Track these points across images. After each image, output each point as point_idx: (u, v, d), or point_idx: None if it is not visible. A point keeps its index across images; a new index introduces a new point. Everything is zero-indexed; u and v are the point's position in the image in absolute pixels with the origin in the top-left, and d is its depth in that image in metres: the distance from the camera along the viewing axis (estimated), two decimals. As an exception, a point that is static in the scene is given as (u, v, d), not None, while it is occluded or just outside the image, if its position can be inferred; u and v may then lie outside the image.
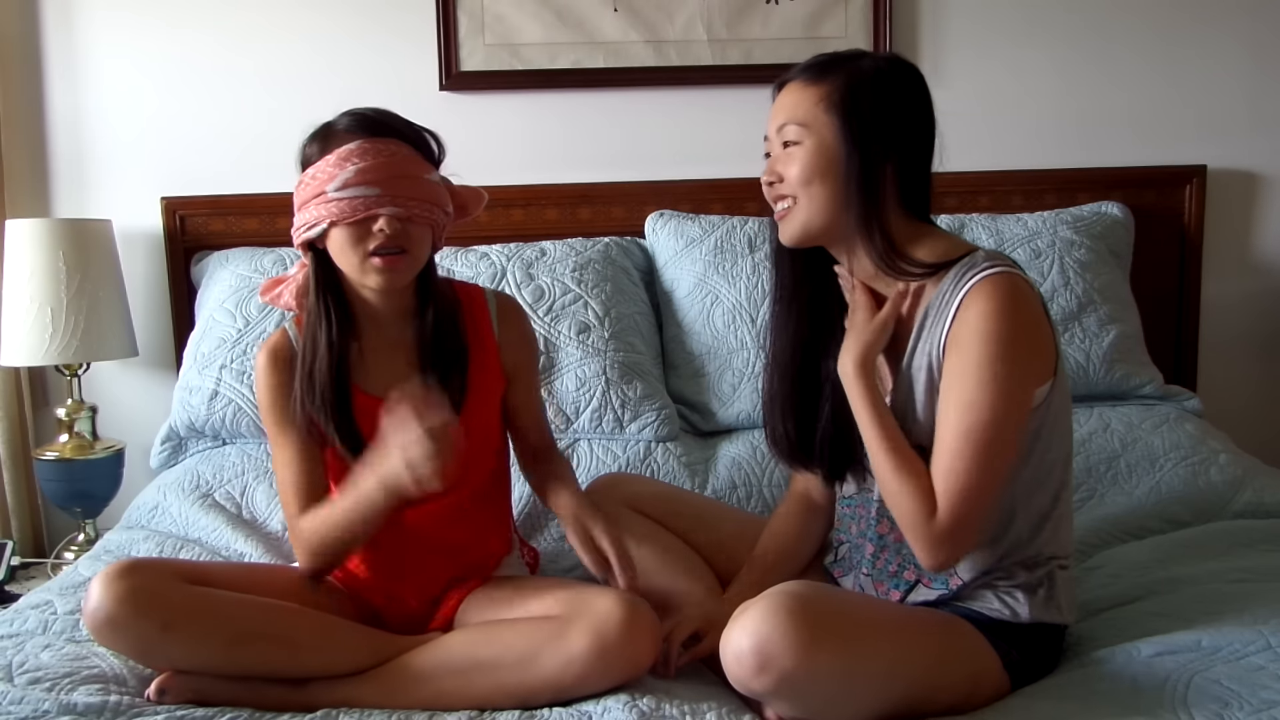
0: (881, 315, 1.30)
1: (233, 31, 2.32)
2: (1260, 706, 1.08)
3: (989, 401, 1.18)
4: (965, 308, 1.21)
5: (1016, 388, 1.20)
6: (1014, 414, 1.20)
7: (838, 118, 1.27)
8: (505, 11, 2.31)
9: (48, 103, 2.32)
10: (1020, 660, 1.26)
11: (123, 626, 1.24)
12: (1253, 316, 2.41)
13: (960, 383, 1.20)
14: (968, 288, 1.22)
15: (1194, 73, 2.35)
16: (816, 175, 1.28)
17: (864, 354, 1.29)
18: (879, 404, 1.28)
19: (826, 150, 1.28)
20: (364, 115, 1.37)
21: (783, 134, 1.31)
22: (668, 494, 1.66)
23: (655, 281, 2.23)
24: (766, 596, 1.15)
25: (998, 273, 1.21)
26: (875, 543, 1.35)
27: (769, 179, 1.33)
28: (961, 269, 1.25)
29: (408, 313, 1.43)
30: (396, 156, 1.33)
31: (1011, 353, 1.19)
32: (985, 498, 1.21)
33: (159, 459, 2.08)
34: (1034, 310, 1.23)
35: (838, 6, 2.32)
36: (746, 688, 1.15)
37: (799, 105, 1.30)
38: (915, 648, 1.21)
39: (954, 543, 1.21)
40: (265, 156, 2.30)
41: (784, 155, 1.31)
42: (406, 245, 1.35)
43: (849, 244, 1.32)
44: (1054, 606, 1.29)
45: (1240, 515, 1.72)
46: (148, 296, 2.36)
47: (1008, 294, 1.20)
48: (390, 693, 1.28)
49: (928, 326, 1.27)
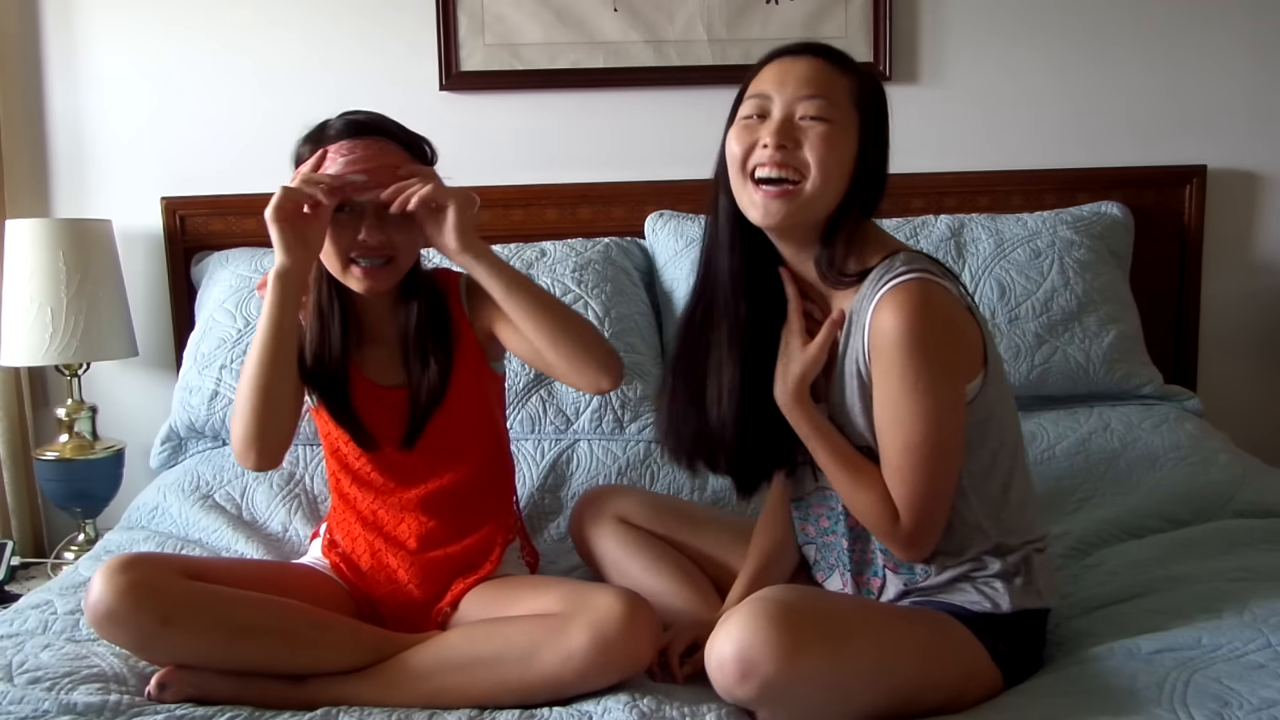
0: (813, 346, 1.28)
1: (233, 32, 2.32)
2: (1260, 705, 1.08)
3: (920, 412, 1.18)
4: (876, 317, 1.19)
5: (944, 391, 1.19)
6: (948, 416, 1.20)
7: (858, 116, 1.25)
8: (505, 11, 2.31)
9: (48, 103, 2.32)
10: (1007, 651, 1.26)
11: (123, 620, 1.25)
12: (1252, 316, 2.41)
13: (889, 398, 1.20)
14: (878, 296, 1.20)
15: (1194, 72, 2.35)
16: (839, 164, 1.23)
17: (798, 385, 1.28)
18: (821, 427, 1.28)
19: (850, 144, 1.24)
20: (356, 118, 1.42)
21: (809, 105, 1.22)
22: (658, 503, 1.66)
23: (655, 281, 2.23)
24: (748, 603, 1.14)
25: (907, 280, 1.19)
26: (848, 536, 1.34)
27: (782, 141, 1.22)
28: (879, 274, 1.22)
29: (395, 308, 1.48)
30: (386, 151, 1.38)
31: (930, 358, 1.17)
32: (942, 497, 1.23)
33: (159, 459, 2.08)
34: (945, 312, 1.20)
35: (838, 6, 2.32)
36: (731, 696, 1.14)
37: (834, 85, 1.23)
38: (902, 646, 1.20)
39: (922, 540, 1.24)
40: (265, 157, 2.29)
41: (807, 126, 1.22)
42: (392, 254, 1.39)
43: (809, 243, 1.28)
44: (1033, 591, 1.29)
45: (1240, 514, 1.71)
46: (148, 296, 2.36)
47: (915, 302, 1.17)
48: (390, 690, 1.29)
49: (851, 333, 1.26)
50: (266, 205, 1.34)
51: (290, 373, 1.39)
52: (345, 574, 1.51)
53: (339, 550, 1.53)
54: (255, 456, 1.39)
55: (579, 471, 1.92)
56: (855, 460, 1.27)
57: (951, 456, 1.21)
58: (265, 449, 1.39)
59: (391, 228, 1.39)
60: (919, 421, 1.18)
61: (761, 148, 1.23)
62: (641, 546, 1.55)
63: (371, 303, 1.47)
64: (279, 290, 1.36)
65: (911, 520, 1.22)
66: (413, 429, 1.46)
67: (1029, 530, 1.31)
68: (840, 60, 1.27)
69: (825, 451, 1.28)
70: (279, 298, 1.36)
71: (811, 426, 1.28)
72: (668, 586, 1.50)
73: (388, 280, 1.42)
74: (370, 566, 1.50)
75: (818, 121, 1.22)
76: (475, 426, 1.41)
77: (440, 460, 1.50)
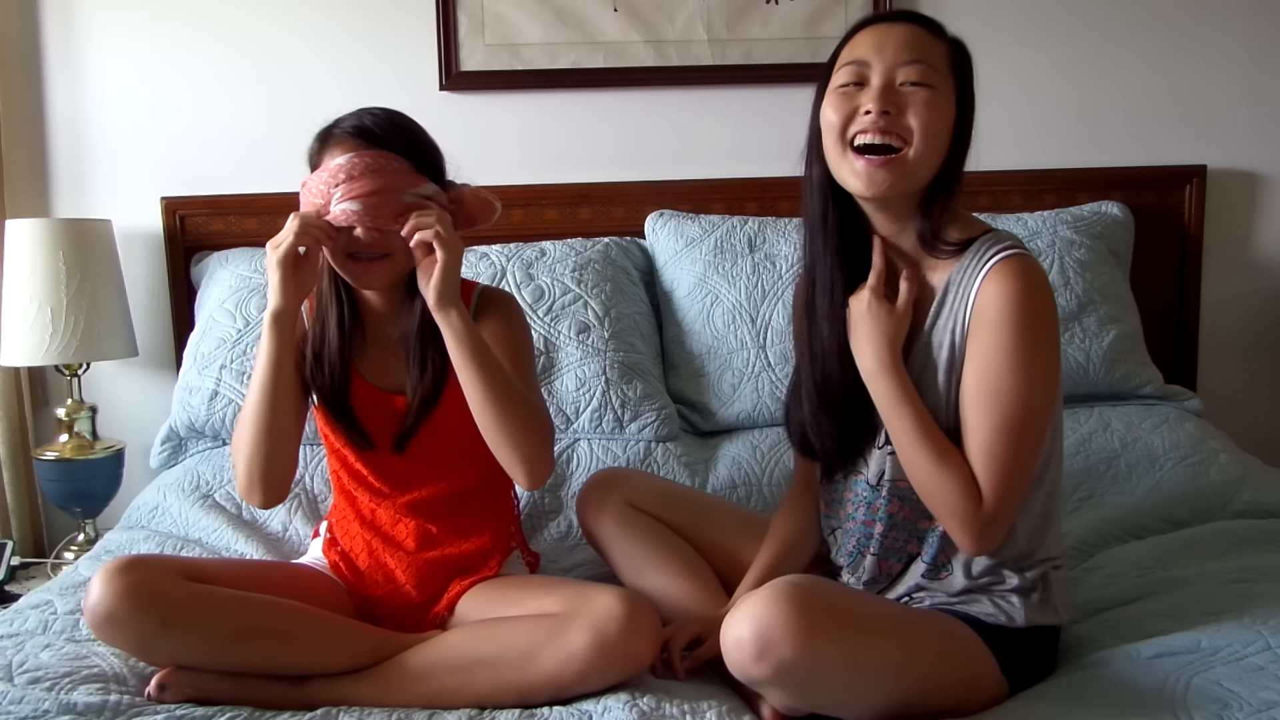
0: (900, 305, 1.25)
1: (233, 32, 2.32)
2: (1260, 707, 1.08)
3: (1021, 386, 1.18)
4: (989, 285, 1.19)
5: (1048, 366, 1.20)
6: (1045, 394, 1.20)
7: (955, 83, 1.24)
8: (505, 11, 2.31)
9: (48, 103, 2.32)
10: (1017, 665, 1.26)
11: (122, 622, 1.25)
12: (1252, 316, 2.41)
13: (991, 370, 1.19)
14: (989, 266, 1.20)
15: (1194, 73, 2.35)
16: (941, 129, 1.22)
17: (892, 347, 1.25)
18: (909, 398, 1.23)
19: (950, 110, 1.23)
20: (362, 123, 1.38)
21: (910, 71, 1.21)
22: (667, 490, 1.65)
23: (655, 281, 2.23)
24: (768, 586, 1.15)
25: (1018, 254, 1.21)
26: (885, 522, 1.32)
27: (885, 106, 1.20)
28: (981, 246, 1.24)
29: (399, 312, 1.47)
30: (384, 172, 1.35)
31: (1038, 333, 1.18)
32: (1025, 480, 1.22)
33: (159, 459, 2.08)
34: (1050, 291, 1.22)
35: (838, 6, 2.32)
36: (746, 675, 1.14)
37: (933, 51, 1.22)
38: (915, 645, 1.20)
39: (998, 527, 1.22)
40: (265, 157, 2.30)
41: (909, 93, 1.20)
42: (388, 250, 1.38)
43: (906, 214, 1.27)
44: (1050, 608, 1.28)
45: (1240, 515, 1.71)
46: (148, 296, 2.36)
47: (1031, 276, 1.19)
48: (390, 690, 1.29)
49: (949, 303, 1.25)
50: (266, 205, 1.34)
51: (290, 408, 1.39)
52: (344, 574, 1.51)
53: (338, 549, 1.53)
54: (261, 496, 1.39)
55: (579, 471, 1.92)
56: (938, 438, 1.22)
57: (1039, 437, 1.21)
58: (271, 488, 1.39)
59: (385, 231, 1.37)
60: (1019, 396, 1.18)
61: (864, 114, 1.21)
62: (648, 534, 1.54)
63: (375, 304, 1.47)
64: (276, 332, 1.36)
65: (994, 502, 1.20)
66: (404, 432, 1.46)
67: (1053, 546, 1.31)
68: (935, 27, 1.26)
69: (910, 423, 1.22)
70: (276, 338, 1.36)
71: (901, 393, 1.23)
72: (672, 580, 1.49)
73: (385, 275, 1.40)
74: (368, 566, 1.50)
75: (920, 87, 1.21)
76: (471, 436, 1.41)
77: (436, 468, 1.49)
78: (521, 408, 1.37)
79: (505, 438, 1.36)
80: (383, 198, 1.34)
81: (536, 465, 1.37)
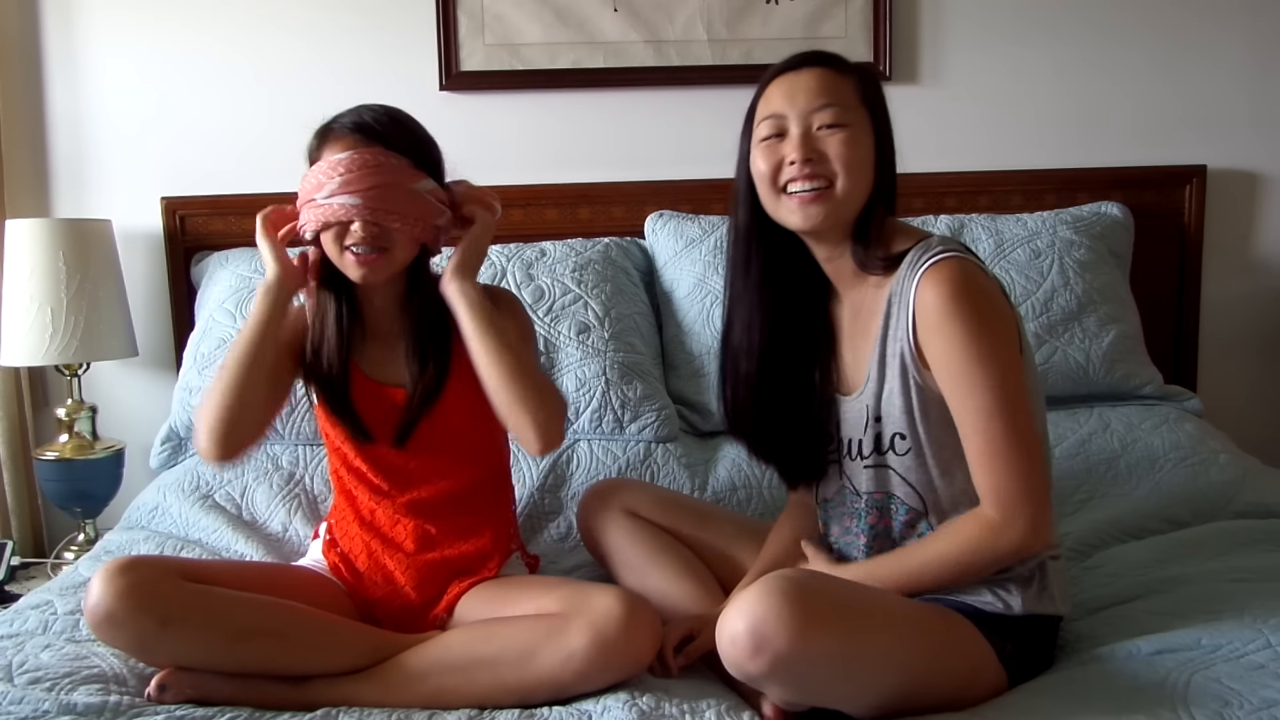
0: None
1: (233, 32, 2.32)
2: (1260, 705, 1.08)
3: (988, 378, 1.20)
4: (923, 294, 1.23)
5: (1003, 354, 1.22)
6: (1013, 377, 1.22)
7: (868, 113, 1.30)
8: (505, 11, 2.31)
9: (48, 103, 2.32)
10: (1015, 653, 1.26)
11: (122, 622, 1.25)
12: (1252, 316, 2.41)
13: (955, 370, 1.22)
14: (920, 274, 1.24)
15: (1194, 72, 2.35)
16: (863, 161, 1.29)
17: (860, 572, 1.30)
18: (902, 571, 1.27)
19: (868, 140, 1.30)
20: (361, 119, 1.40)
21: (823, 115, 1.28)
22: (666, 498, 1.66)
23: (655, 282, 2.23)
24: (762, 580, 1.15)
25: (945, 257, 1.24)
26: (868, 534, 1.35)
27: (808, 155, 1.28)
28: (915, 255, 1.27)
29: (399, 307, 1.47)
30: (383, 168, 1.36)
31: (981, 324, 1.21)
32: (1035, 460, 1.23)
33: (159, 459, 2.08)
34: (983, 283, 1.25)
35: (838, 6, 2.32)
36: (742, 671, 1.14)
37: (839, 90, 1.29)
38: (913, 635, 1.20)
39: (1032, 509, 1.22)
40: (265, 157, 2.31)
41: (826, 136, 1.28)
42: (387, 245, 1.39)
43: (842, 240, 1.33)
44: (1047, 597, 1.29)
45: (1240, 515, 1.71)
46: (148, 296, 2.36)
47: (955, 274, 1.22)
48: (390, 691, 1.29)
49: (893, 314, 1.28)
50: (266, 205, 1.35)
51: (264, 378, 1.40)
52: (344, 575, 1.51)
53: (338, 551, 1.53)
54: (215, 448, 1.38)
55: (579, 471, 1.92)
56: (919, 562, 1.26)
57: (1030, 419, 1.23)
58: (228, 444, 1.39)
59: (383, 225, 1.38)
60: (990, 387, 1.20)
61: (789, 165, 1.29)
62: (648, 540, 1.55)
63: (375, 299, 1.47)
64: (267, 302, 1.39)
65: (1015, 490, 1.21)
66: (405, 426, 1.46)
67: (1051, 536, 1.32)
68: (839, 64, 1.32)
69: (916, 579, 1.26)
70: (267, 308, 1.39)
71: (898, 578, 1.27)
72: (673, 582, 1.50)
73: (382, 269, 1.41)
74: (367, 568, 1.50)
75: (836, 129, 1.28)
76: (472, 433, 1.41)
77: (436, 465, 1.49)
78: (532, 375, 1.40)
79: (518, 402, 1.37)
80: (381, 192, 1.35)
81: (549, 427, 1.38)
